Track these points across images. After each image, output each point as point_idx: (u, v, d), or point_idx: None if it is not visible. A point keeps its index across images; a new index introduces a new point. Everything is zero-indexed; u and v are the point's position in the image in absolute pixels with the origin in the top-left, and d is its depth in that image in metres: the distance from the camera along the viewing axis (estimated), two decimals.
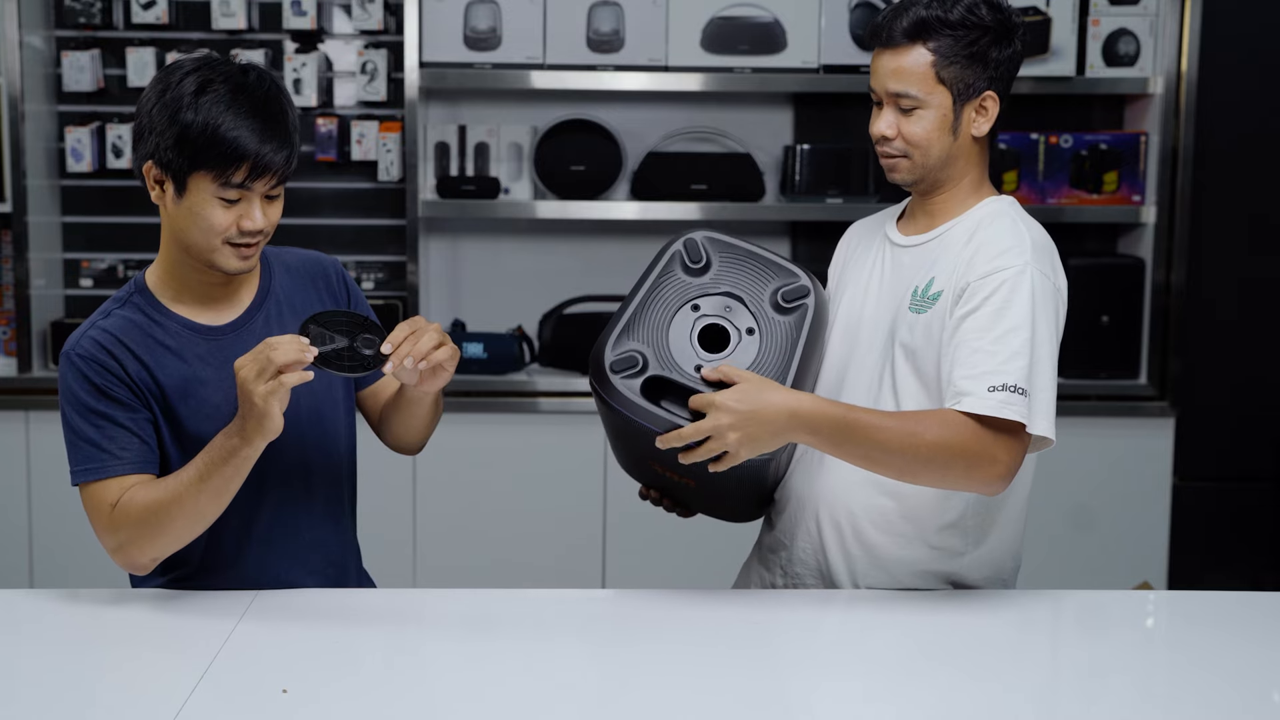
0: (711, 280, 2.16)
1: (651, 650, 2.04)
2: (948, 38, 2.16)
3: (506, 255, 4.30)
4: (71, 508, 3.89)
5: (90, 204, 4.17)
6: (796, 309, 2.16)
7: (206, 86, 2.03)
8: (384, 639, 2.07)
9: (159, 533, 2.07)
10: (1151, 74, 4.04)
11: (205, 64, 2.07)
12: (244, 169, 2.03)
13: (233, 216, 2.05)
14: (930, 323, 2.18)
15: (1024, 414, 2.07)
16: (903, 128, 2.20)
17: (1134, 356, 4.10)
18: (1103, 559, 4.06)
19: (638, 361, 2.11)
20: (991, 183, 2.33)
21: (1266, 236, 4.25)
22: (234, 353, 2.13)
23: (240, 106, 2.03)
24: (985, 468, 2.07)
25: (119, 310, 2.15)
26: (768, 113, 4.24)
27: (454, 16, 3.98)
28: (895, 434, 2.06)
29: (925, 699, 1.90)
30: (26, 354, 4.01)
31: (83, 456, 2.10)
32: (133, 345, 2.12)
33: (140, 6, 4.01)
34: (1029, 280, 2.13)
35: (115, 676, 1.94)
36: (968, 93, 2.19)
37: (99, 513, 2.10)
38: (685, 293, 2.15)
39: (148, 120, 2.06)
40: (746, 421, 2.03)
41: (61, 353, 2.13)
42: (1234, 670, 2.00)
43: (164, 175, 2.06)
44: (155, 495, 2.06)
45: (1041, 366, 2.12)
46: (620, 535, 3.97)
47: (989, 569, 2.29)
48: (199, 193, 2.04)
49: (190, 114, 2.02)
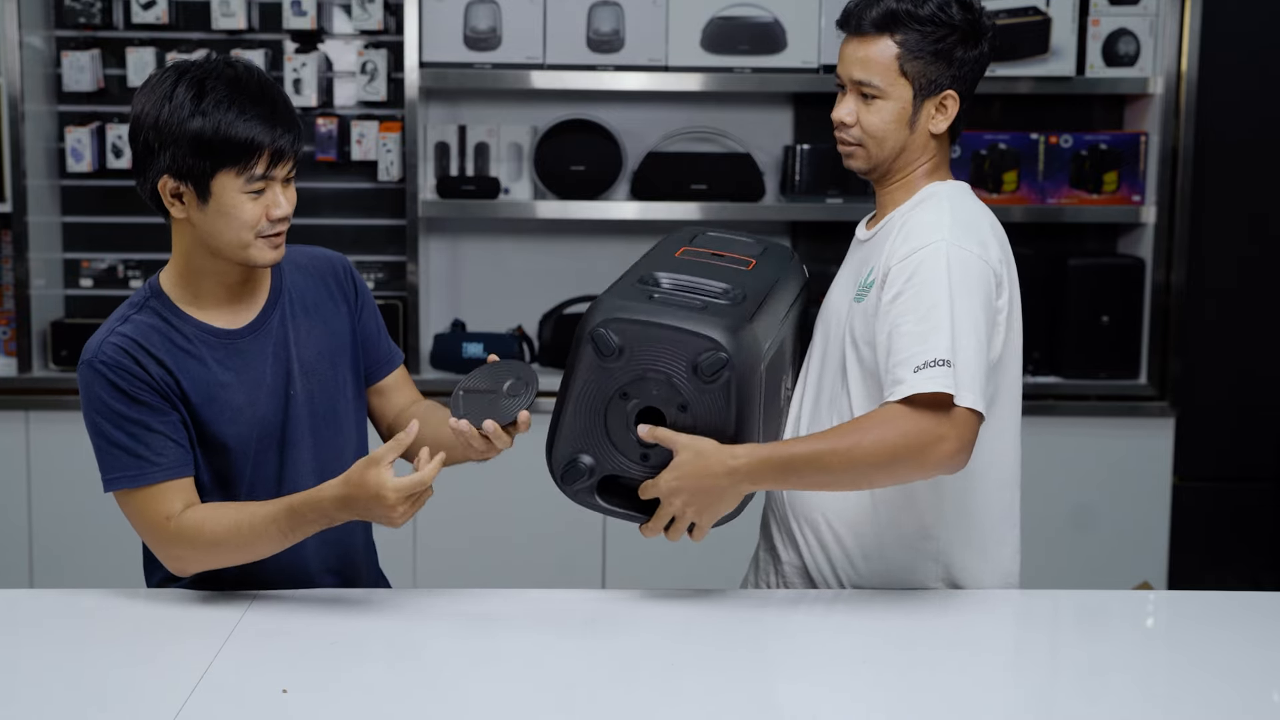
0: (630, 364, 2.09)
1: (651, 650, 2.04)
2: (915, 32, 2.19)
3: (506, 255, 4.30)
4: (71, 508, 3.92)
5: (90, 204, 4.17)
6: (718, 380, 2.07)
7: (203, 90, 2.04)
8: (384, 639, 2.07)
9: (222, 558, 2.13)
10: (1151, 74, 4.04)
11: (191, 69, 2.08)
12: (264, 158, 2.06)
13: (260, 208, 2.08)
14: (866, 309, 2.21)
15: (949, 385, 2.05)
16: (862, 116, 2.23)
17: (1134, 356, 4.10)
18: (1103, 559, 4.06)
19: (584, 471, 2.14)
20: (974, 183, 2.34)
21: (1266, 236, 4.26)
22: (252, 354, 2.16)
23: (243, 100, 2.05)
24: (933, 449, 2.06)
25: (137, 315, 2.14)
26: (768, 113, 4.24)
27: (454, 16, 3.98)
28: (834, 454, 2.07)
29: (925, 699, 1.90)
30: (26, 354, 4.01)
31: (117, 464, 2.10)
32: (155, 350, 2.11)
33: (140, 6, 4.01)
34: (944, 255, 2.12)
35: (115, 676, 1.94)
36: (929, 89, 2.21)
37: (148, 520, 2.11)
38: (610, 385, 2.10)
39: (154, 137, 2.06)
40: (694, 496, 2.09)
41: (82, 362, 2.11)
42: (1234, 670, 2.00)
43: (183, 186, 2.06)
44: (229, 530, 2.08)
45: (965, 340, 2.09)
46: (620, 535, 3.97)
47: (984, 567, 2.29)
48: (225, 192, 2.06)
49: (199, 120, 2.03)
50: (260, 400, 2.16)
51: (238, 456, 2.16)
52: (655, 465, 2.12)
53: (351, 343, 2.29)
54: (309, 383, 2.21)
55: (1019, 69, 4.01)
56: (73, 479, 3.93)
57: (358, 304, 2.31)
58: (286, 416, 2.19)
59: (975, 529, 2.27)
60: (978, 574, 2.28)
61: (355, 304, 2.31)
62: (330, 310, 2.27)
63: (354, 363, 2.29)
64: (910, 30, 2.19)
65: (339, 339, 2.27)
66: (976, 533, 2.27)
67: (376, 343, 2.34)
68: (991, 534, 2.29)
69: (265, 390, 2.17)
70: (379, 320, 2.35)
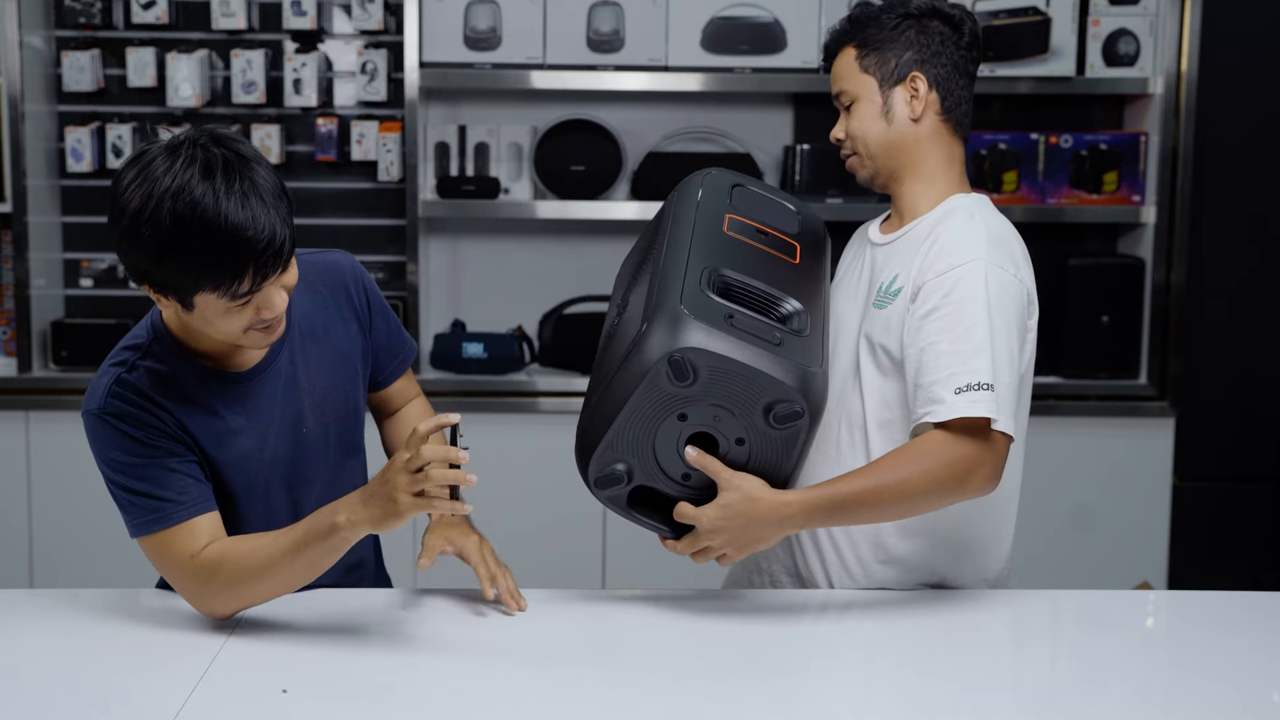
0: (699, 392, 2.02)
1: (651, 651, 2.04)
2: (868, 29, 2.25)
3: (506, 255, 4.30)
4: (71, 508, 3.92)
5: (90, 204, 4.16)
6: (788, 430, 2.03)
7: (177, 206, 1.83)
8: (383, 639, 2.07)
9: (246, 594, 2.03)
10: (1151, 74, 4.04)
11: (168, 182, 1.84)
12: (248, 278, 1.87)
13: (250, 312, 1.93)
14: (889, 317, 2.19)
15: (993, 409, 2.07)
16: (847, 127, 2.28)
17: (1134, 356, 4.10)
18: (1103, 559, 4.06)
19: (620, 478, 2.10)
20: (974, 183, 2.33)
21: (1266, 237, 4.26)
22: (261, 397, 2.08)
23: (217, 212, 1.83)
24: (974, 476, 2.08)
25: (141, 362, 2.03)
26: (768, 113, 4.24)
27: (454, 16, 3.98)
28: (884, 491, 2.07)
29: (925, 698, 1.90)
30: (26, 354, 4.01)
31: (140, 510, 2.01)
32: (162, 399, 2.01)
33: (140, 6, 4.00)
34: (982, 274, 2.12)
35: (115, 677, 1.94)
36: (892, 76, 2.24)
37: (173, 560, 2.02)
38: (673, 406, 2.03)
39: (128, 245, 1.88)
40: (736, 535, 2.07)
41: (87, 412, 2.01)
42: (1234, 670, 2.00)
43: (163, 296, 1.93)
44: (245, 557, 1.99)
45: (1003, 363, 2.10)
46: (620, 535, 3.97)
47: (975, 575, 2.28)
48: (207, 308, 1.91)
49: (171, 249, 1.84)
50: (270, 443, 2.09)
51: (249, 498, 2.10)
52: (694, 487, 2.09)
53: (362, 360, 2.22)
54: (323, 417, 2.15)
55: (1019, 69, 4.01)
56: (73, 479, 3.93)
57: (369, 315, 2.22)
58: (300, 455, 2.12)
59: (976, 540, 2.27)
60: (969, 581, 2.28)
61: (366, 316, 2.21)
62: (340, 332, 2.18)
63: (365, 379, 2.24)
64: (863, 29, 2.25)
65: (350, 361, 2.19)
66: (978, 545, 2.28)
67: (387, 347, 2.26)
68: (989, 544, 2.29)
69: (275, 431, 2.10)
70: (390, 321, 2.27)
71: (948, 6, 2.27)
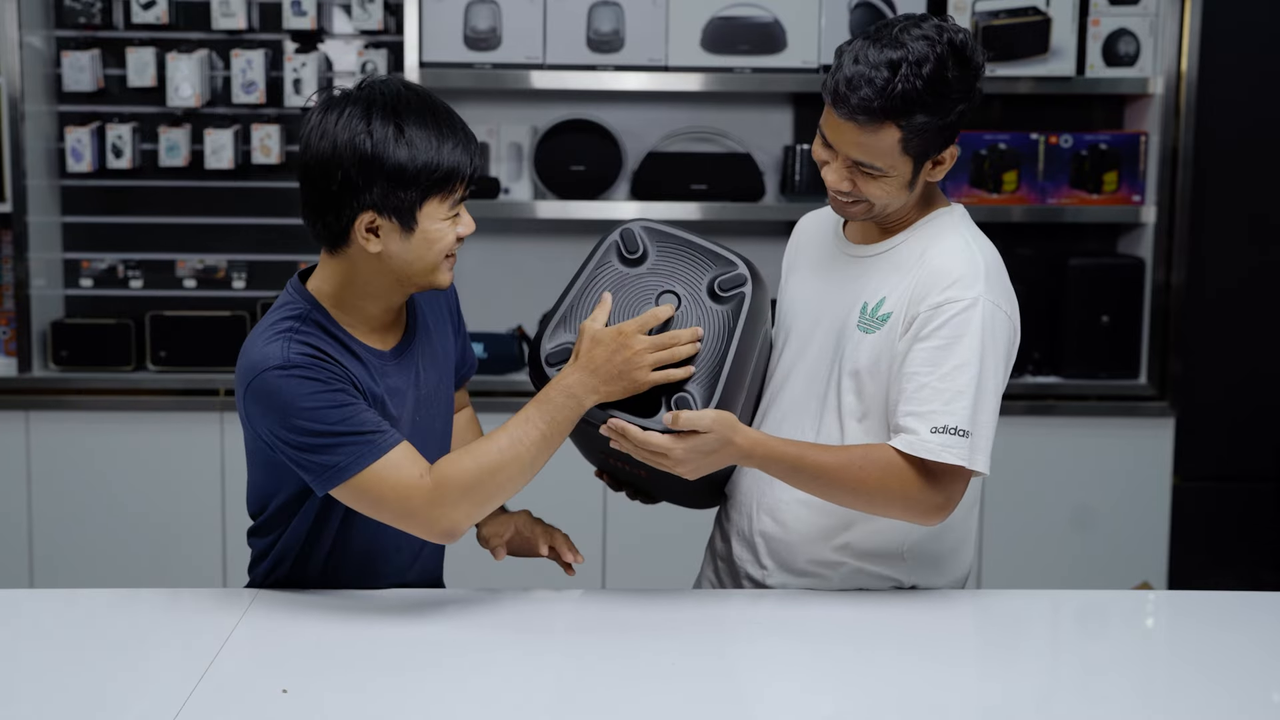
0: (648, 270, 2.17)
1: (651, 651, 2.04)
2: (918, 115, 2.06)
3: (506, 255, 4.30)
4: (72, 508, 3.92)
5: (90, 204, 4.16)
6: (733, 298, 2.14)
7: (401, 120, 2.02)
8: (383, 639, 2.07)
9: (491, 496, 2.07)
10: (1151, 74, 4.04)
11: (376, 98, 2.04)
12: (463, 183, 2.08)
13: (454, 231, 2.10)
14: (878, 344, 2.16)
15: (965, 456, 2.07)
16: (860, 185, 2.14)
17: (1134, 356, 4.10)
18: (1103, 559, 4.06)
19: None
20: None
21: (1266, 236, 4.26)
22: (398, 377, 2.14)
23: (440, 128, 2.05)
24: (926, 509, 2.11)
25: (304, 326, 2.08)
26: (768, 113, 4.24)
27: (454, 16, 3.98)
28: (840, 471, 2.09)
29: (925, 698, 1.90)
30: (26, 354, 4.01)
31: (348, 449, 2.02)
32: (334, 354, 2.07)
33: (140, 6, 4.01)
34: (980, 314, 2.09)
35: (115, 676, 1.94)
36: (928, 154, 2.12)
37: (397, 487, 2.03)
38: (620, 282, 2.17)
39: (356, 173, 2.01)
40: (699, 462, 2.08)
41: (261, 373, 2.03)
42: (1234, 670, 2.00)
43: (386, 219, 2.04)
44: (487, 459, 2.04)
45: (985, 404, 2.10)
46: (620, 535, 3.97)
47: (939, 579, 2.28)
48: (430, 219, 2.06)
49: (405, 151, 2.02)
50: (402, 422, 2.14)
51: None
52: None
53: (451, 364, 2.30)
54: (429, 410, 2.21)
55: (1019, 69, 4.01)
56: (73, 479, 3.94)
57: (458, 321, 2.32)
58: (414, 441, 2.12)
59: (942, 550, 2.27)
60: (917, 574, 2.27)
61: (457, 322, 2.32)
62: (442, 333, 2.27)
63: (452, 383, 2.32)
64: (911, 112, 2.05)
65: (447, 362, 2.28)
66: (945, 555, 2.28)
67: (461, 356, 2.35)
68: (951, 552, 2.29)
69: (406, 411, 2.16)
70: (464, 331, 2.36)
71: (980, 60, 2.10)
